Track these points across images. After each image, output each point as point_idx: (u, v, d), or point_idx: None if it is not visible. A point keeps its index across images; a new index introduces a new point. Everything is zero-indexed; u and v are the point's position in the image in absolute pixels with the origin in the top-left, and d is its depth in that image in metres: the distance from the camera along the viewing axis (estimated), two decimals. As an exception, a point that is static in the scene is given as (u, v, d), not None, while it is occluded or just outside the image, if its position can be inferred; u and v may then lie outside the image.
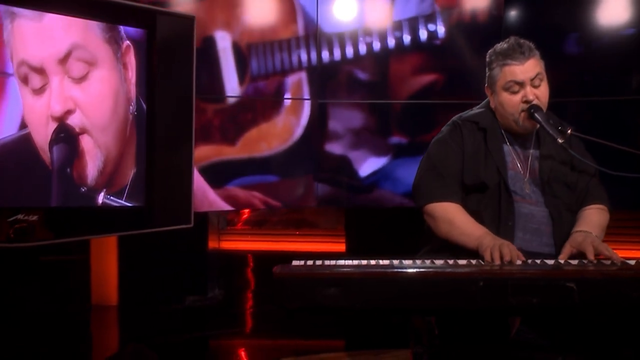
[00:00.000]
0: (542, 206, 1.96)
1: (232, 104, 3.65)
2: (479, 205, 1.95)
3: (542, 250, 1.91)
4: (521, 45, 1.96)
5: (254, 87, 3.68)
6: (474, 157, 1.99)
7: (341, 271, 1.54)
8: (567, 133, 1.90)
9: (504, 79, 1.96)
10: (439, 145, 2.06)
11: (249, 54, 3.67)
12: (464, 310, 1.53)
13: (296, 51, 3.73)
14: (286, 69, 3.73)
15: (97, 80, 2.74)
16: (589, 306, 1.50)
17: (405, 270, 1.54)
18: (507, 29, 3.65)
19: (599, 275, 1.51)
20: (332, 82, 3.76)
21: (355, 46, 3.74)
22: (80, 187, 2.70)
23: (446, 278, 1.53)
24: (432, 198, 1.97)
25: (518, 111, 1.97)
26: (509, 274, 1.53)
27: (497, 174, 1.96)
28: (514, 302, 1.49)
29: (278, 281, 1.51)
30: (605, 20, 3.61)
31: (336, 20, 3.74)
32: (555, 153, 2.01)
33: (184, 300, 4.06)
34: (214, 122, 3.63)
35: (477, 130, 2.03)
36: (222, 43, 3.63)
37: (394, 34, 3.72)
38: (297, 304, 1.50)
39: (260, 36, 3.68)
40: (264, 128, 3.71)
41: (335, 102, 3.76)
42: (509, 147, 2.03)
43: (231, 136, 3.66)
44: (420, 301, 1.51)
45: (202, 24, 3.55)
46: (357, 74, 3.77)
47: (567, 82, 3.64)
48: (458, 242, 1.88)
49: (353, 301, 1.49)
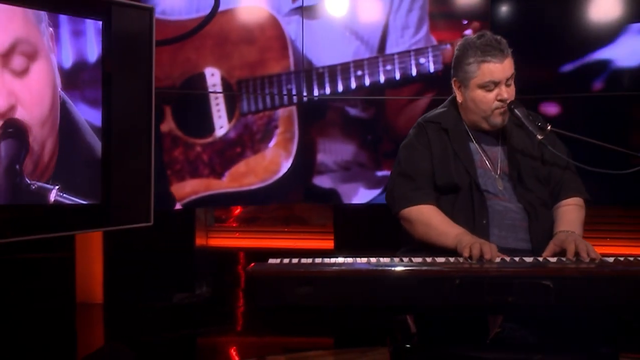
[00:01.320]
0: (515, 202, 1.94)
1: (221, 139, 3.67)
2: (453, 205, 1.93)
3: (518, 246, 1.89)
4: (499, 42, 1.93)
5: (244, 123, 3.69)
6: (443, 157, 1.98)
7: (315, 269, 1.52)
8: (546, 129, 1.88)
9: (482, 77, 1.92)
10: (407, 150, 2.04)
11: (238, 89, 3.67)
12: (440, 308, 1.51)
13: (287, 86, 3.73)
14: (276, 104, 3.73)
15: (36, 73, 2.67)
16: (566, 304, 1.48)
17: (380, 269, 1.52)
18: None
19: (576, 273, 1.50)
20: (322, 117, 3.76)
21: (347, 80, 3.73)
22: (31, 184, 2.64)
23: (422, 276, 1.51)
24: (407, 203, 1.95)
25: (491, 109, 1.94)
26: (485, 272, 1.52)
27: (467, 174, 1.94)
28: (490, 300, 1.47)
29: (251, 279, 1.48)
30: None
31: (327, 54, 3.73)
32: (523, 147, 1.99)
33: (172, 298, 4.04)
34: (202, 157, 3.65)
35: (441, 131, 2.01)
36: (211, 79, 3.64)
37: (385, 68, 3.71)
38: (270, 302, 1.48)
39: (250, 72, 3.69)
40: (252, 161, 3.71)
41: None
42: (475, 145, 2.01)
43: (219, 170, 3.68)
44: (395, 299, 1.49)
45: (192, 61, 3.59)
46: (347, 108, 3.77)
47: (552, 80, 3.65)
48: (436, 243, 1.87)
49: (326, 300, 1.47)
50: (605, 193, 3.35)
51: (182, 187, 3.64)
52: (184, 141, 3.63)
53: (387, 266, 1.54)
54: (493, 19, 3.66)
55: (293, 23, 3.72)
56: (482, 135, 2.02)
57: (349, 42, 3.73)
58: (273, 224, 4.69)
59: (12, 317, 3.38)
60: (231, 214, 4.73)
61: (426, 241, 1.91)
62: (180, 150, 3.63)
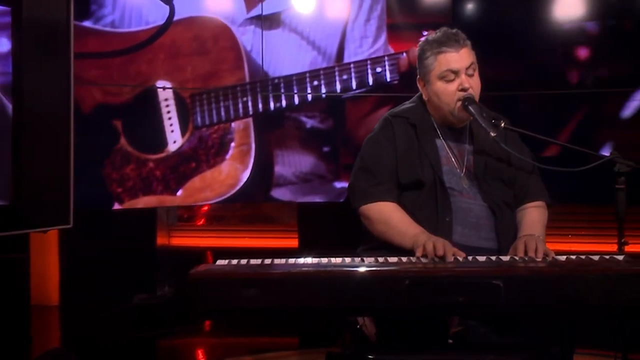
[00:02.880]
0: (480, 200, 1.92)
1: (175, 154, 3.59)
2: (416, 202, 1.90)
3: (483, 244, 1.87)
4: (455, 34, 1.92)
5: (198, 136, 3.62)
6: (408, 153, 1.94)
7: (261, 271, 1.47)
8: (500, 127, 1.86)
9: (439, 67, 1.91)
10: (371, 144, 2.00)
11: (192, 102, 3.60)
12: (390, 310, 1.48)
13: (242, 98, 3.66)
14: (231, 117, 3.67)
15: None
16: (516, 304, 1.46)
17: (327, 270, 1.48)
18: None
19: (526, 273, 1.48)
20: (279, 128, 3.71)
21: (303, 90, 3.69)
22: None
23: (371, 277, 1.47)
24: (367, 199, 1.92)
25: (454, 100, 1.92)
26: (434, 273, 1.49)
27: (432, 170, 1.91)
28: (441, 301, 1.45)
29: (193, 282, 1.43)
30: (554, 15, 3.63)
31: (284, 64, 3.68)
32: (489, 148, 1.98)
33: (132, 299, 3.95)
34: (155, 173, 3.56)
35: (408, 126, 1.98)
36: (163, 93, 3.56)
37: (342, 77, 3.68)
38: (213, 306, 1.42)
39: (203, 84, 3.62)
40: (208, 176, 3.65)
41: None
42: (442, 141, 1.98)
43: (173, 186, 3.60)
44: (343, 302, 1.46)
45: (144, 74, 3.50)
46: (305, 119, 3.73)
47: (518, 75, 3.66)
48: (394, 242, 1.84)
49: (273, 302, 1.43)
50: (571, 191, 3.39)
51: (134, 204, 3.56)
52: (135, 157, 3.54)
53: (336, 267, 1.50)
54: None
55: (248, 33, 3.66)
56: (450, 132, 2.00)
57: (306, 52, 3.68)
58: (240, 223, 4.64)
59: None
60: (195, 212, 4.66)
61: (385, 240, 1.87)
62: (132, 167, 3.53)
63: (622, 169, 1.81)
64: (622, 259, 1.64)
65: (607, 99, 3.58)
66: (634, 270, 1.52)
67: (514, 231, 1.91)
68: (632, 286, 1.48)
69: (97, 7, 3.43)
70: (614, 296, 1.48)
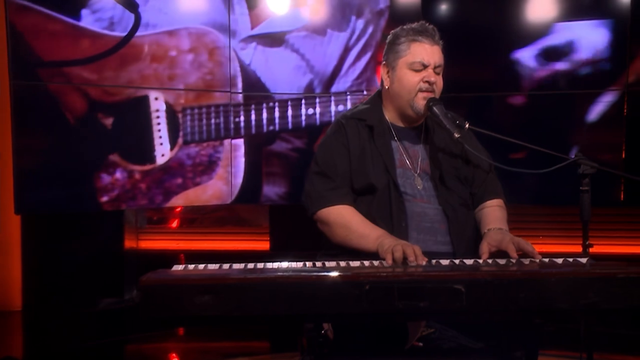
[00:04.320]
0: (435, 203, 1.90)
1: (161, 167, 3.52)
2: (370, 207, 1.87)
3: (439, 249, 1.85)
4: (433, 29, 1.92)
5: (186, 152, 3.56)
6: (361, 157, 1.92)
7: (215, 277, 1.42)
8: (464, 128, 1.84)
9: (412, 56, 1.90)
10: (324, 149, 1.97)
11: (183, 117, 3.53)
12: (350, 316, 1.44)
13: (234, 118, 3.61)
14: (222, 135, 3.60)
15: None
16: (478, 308, 1.43)
17: (285, 275, 1.43)
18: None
19: (487, 277, 1.44)
20: (269, 148, 3.66)
21: (297, 111, 3.65)
22: None
23: (330, 282, 1.43)
24: (324, 203, 1.88)
25: (415, 90, 1.90)
26: (395, 278, 1.45)
27: (386, 173, 1.89)
28: (401, 306, 1.41)
29: (144, 289, 1.37)
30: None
31: (277, 81, 3.64)
32: (445, 147, 1.96)
33: (98, 303, 3.87)
34: (140, 185, 3.49)
35: (362, 128, 1.95)
36: (155, 104, 3.49)
37: (337, 108, 3.67)
38: (166, 314, 1.37)
39: (196, 99, 3.55)
40: (191, 194, 3.58)
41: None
42: (397, 143, 1.96)
43: (157, 201, 3.54)
44: (302, 307, 1.41)
45: (136, 83, 3.43)
46: (294, 140, 3.69)
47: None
48: (357, 246, 1.81)
49: (228, 309, 1.38)
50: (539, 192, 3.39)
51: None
52: (122, 167, 3.45)
53: (294, 272, 1.45)
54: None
55: (249, 49, 3.61)
56: (404, 132, 1.97)
57: (303, 75, 3.65)
58: (211, 225, 4.57)
59: None
60: (165, 215, 4.58)
61: (346, 244, 1.84)
62: (117, 176, 3.45)
63: (586, 171, 1.80)
64: (585, 262, 1.63)
65: (576, 100, 3.60)
66: (596, 274, 1.50)
67: (470, 232, 1.89)
68: (595, 290, 1.46)
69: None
70: (577, 300, 1.45)
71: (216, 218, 4.61)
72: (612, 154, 3.46)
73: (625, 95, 3.47)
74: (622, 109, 3.48)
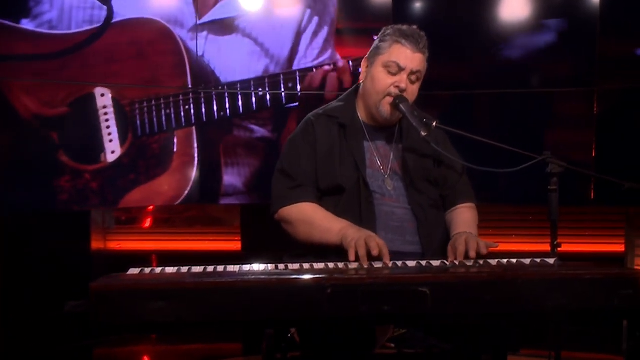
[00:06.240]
0: (404, 203, 1.87)
1: (112, 165, 3.41)
2: (337, 206, 1.84)
3: (406, 249, 1.83)
4: (420, 37, 1.89)
5: (137, 146, 3.45)
6: (329, 156, 1.88)
7: (170, 282, 1.36)
8: (431, 126, 1.81)
9: (389, 55, 1.87)
10: (290, 147, 1.94)
11: (132, 111, 3.43)
12: (312, 320, 1.39)
13: (184, 106, 3.51)
14: (173, 126, 3.51)
15: None
16: (444, 311, 1.39)
17: (244, 279, 1.38)
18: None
19: (453, 279, 1.41)
20: (225, 137, 3.57)
21: (249, 98, 3.56)
22: None
23: (290, 286, 1.38)
24: (286, 201, 1.85)
25: (384, 93, 1.88)
26: (358, 281, 1.41)
27: (356, 172, 1.85)
28: (365, 309, 1.36)
29: (94, 296, 1.31)
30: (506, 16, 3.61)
31: (236, 71, 3.54)
32: (418, 147, 1.93)
33: (63, 306, 3.76)
34: (91, 185, 3.39)
35: (333, 125, 1.91)
36: (101, 100, 3.38)
37: (288, 85, 3.58)
38: (117, 321, 1.30)
39: (144, 91, 3.44)
40: (146, 189, 3.48)
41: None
42: (369, 143, 1.93)
43: (111, 199, 3.43)
44: (262, 312, 1.35)
45: (80, 79, 3.31)
46: (252, 127, 3.60)
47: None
48: (321, 241, 1.77)
49: (182, 316, 1.32)
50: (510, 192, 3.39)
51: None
52: (70, 168, 3.34)
53: (254, 275, 1.40)
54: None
55: (200, 39, 3.50)
56: (376, 132, 1.95)
57: (258, 60, 3.55)
58: (182, 225, 4.49)
59: None
60: (135, 214, 4.48)
61: (310, 241, 1.80)
62: (67, 178, 3.34)
63: (554, 170, 1.79)
64: (553, 262, 1.61)
65: (546, 99, 3.61)
66: (564, 275, 1.48)
67: (440, 233, 1.88)
68: (562, 291, 1.43)
69: (35, 4, 3.23)
70: (545, 301, 1.43)
71: (188, 218, 4.53)
72: (582, 153, 3.47)
73: (595, 94, 3.48)
74: (592, 108, 3.50)
